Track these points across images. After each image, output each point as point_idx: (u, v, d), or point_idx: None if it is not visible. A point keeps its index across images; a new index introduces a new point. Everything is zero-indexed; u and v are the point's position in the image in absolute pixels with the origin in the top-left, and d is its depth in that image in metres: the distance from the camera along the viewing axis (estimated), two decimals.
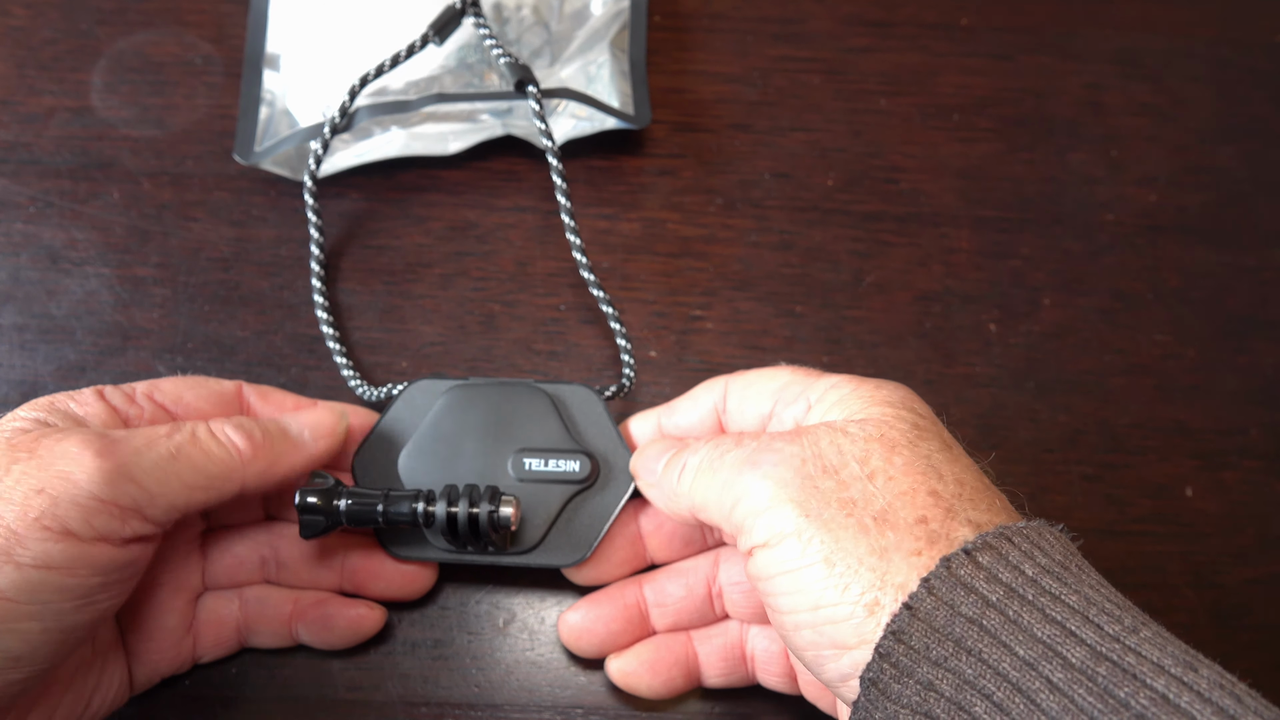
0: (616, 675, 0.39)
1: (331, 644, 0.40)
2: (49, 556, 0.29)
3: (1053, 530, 0.30)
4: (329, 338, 0.43)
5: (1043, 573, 0.28)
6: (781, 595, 0.30)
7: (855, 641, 0.29)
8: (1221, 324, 0.48)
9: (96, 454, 0.31)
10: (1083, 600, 0.27)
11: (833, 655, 0.29)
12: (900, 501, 0.30)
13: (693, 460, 0.35)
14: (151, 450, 0.32)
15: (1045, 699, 0.26)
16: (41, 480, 0.30)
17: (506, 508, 0.37)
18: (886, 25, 0.54)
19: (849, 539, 0.29)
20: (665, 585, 0.39)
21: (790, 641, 0.31)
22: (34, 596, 0.29)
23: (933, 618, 0.28)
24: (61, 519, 0.30)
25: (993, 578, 0.28)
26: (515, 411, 0.40)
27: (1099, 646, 0.26)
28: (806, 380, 0.35)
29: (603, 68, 0.50)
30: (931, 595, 0.28)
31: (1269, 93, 0.53)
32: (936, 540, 0.29)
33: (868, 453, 0.31)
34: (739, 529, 0.32)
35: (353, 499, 0.37)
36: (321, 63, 0.49)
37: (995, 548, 0.28)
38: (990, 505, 0.31)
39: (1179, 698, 0.24)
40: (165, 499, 0.32)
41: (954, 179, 0.50)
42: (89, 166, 0.49)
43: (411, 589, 0.40)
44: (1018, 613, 0.27)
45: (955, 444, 0.33)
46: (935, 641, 0.27)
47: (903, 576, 0.28)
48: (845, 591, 0.29)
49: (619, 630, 0.39)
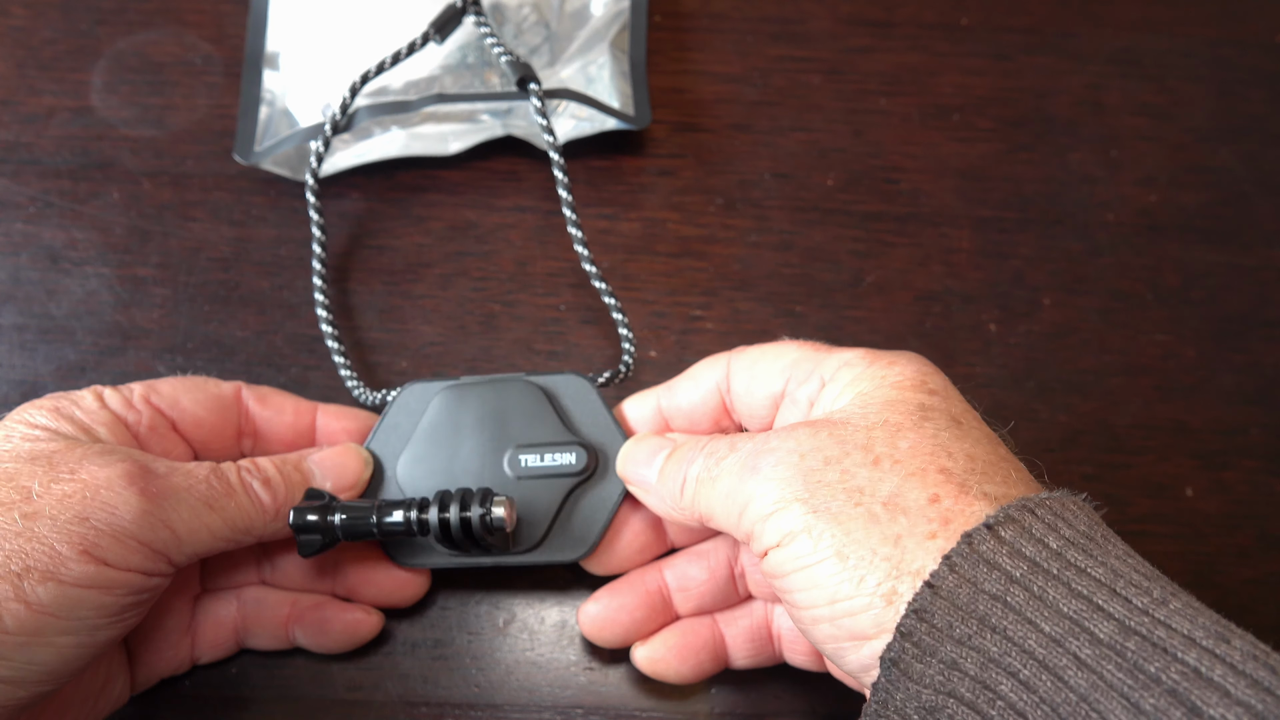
0: (644, 663, 0.38)
1: (327, 648, 0.40)
2: (89, 578, 0.30)
3: (1076, 500, 0.29)
4: (329, 336, 0.43)
5: (1067, 545, 0.27)
6: (798, 592, 0.30)
7: (875, 631, 0.28)
8: (1221, 324, 0.48)
9: (141, 493, 0.31)
10: (1109, 572, 0.26)
11: (852, 646, 0.29)
12: (909, 483, 0.29)
13: (691, 472, 0.34)
14: (190, 495, 0.33)
15: (1073, 676, 0.25)
16: (86, 509, 0.31)
17: (499, 509, 0.37)
18: (886, 25, 0.54)
19: (859, 529, 0.29)
20: (686, 569, 0.39)
21: (810, 635, 0.31)
22: (72, 613, 0.30)
23: (955, 595, 0.27)
24: (102, 550, 0.30)
25: (1016, 552, 0.27)
26: (509, 408, 0.40)
27: (1127, 620, 0.25)
28: (817, 356, 0.34)
29: (603, 68, 0.50)
30: (954, 572, 0.27)
31: (1269, 92, 0.53)
32: (951, 519, 0.28)
33: (871, 439, 0.30)
34: (749, 535, 0.32)
35: (347, 513, 0.36)
36: (321, 62, 0.49)
37: (1018, 520, 0.28)
38: (1005, 477, 0.30)
39: (1211, 671, 0.24)
40: (191, 546, 0.33)
41: (954, 179, 0.50)
42: (89, 166, 0.49)
43: (403, 596, 0.40)
44: (1043, 588, 0.26)
45: (968, 417, 0.32)
46: (959, 619, 0.27)
47: (919, 563, 0.28)
48: (861, 584, 0.28)
49: (643, 618, 0.38)
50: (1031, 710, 0.25)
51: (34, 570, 0.29)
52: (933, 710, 0.27)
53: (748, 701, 0.40)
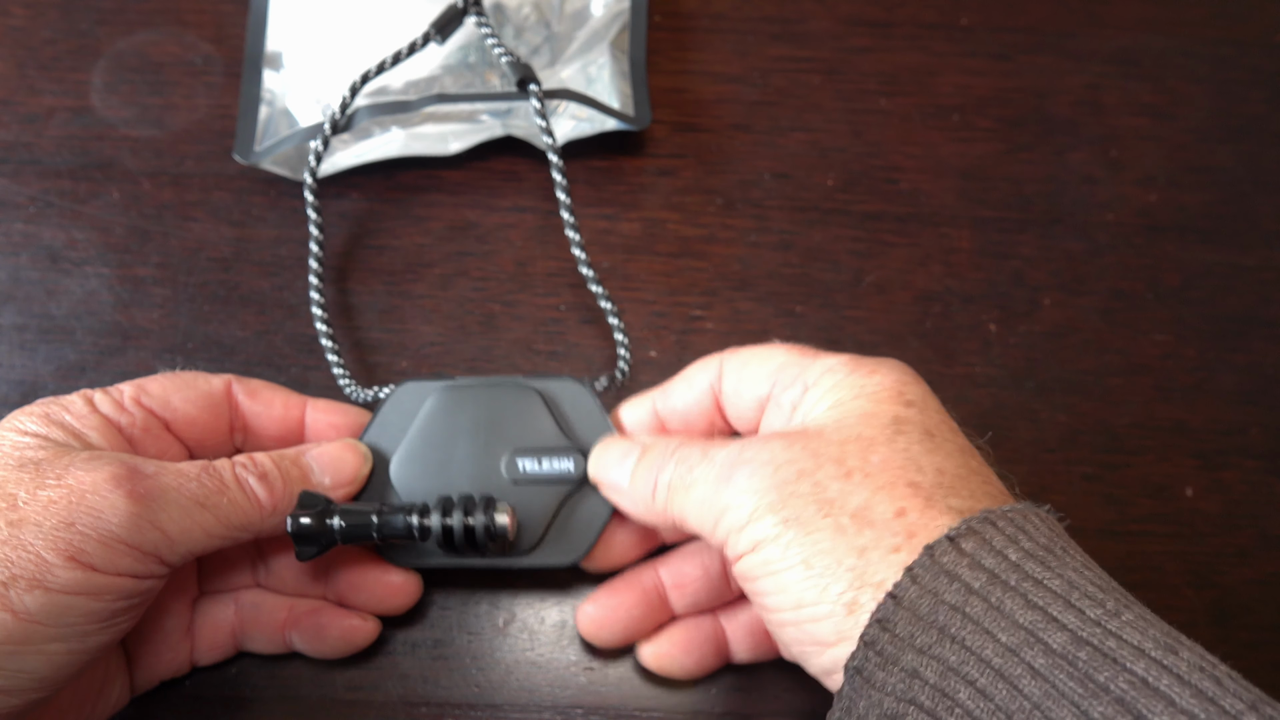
0: (650, 659, 0.39)
1: (324, 653, 0.39)
2: (76, 584, 0.30)
3: (1038, 512, 0.30)
4: (323, 335, 0.43)
5: (1026, 557, 0.28)
6: (767, 595, 0.31)
7: (835, 639, 0.29)
8: (1221, 324, 0.48)
9: (128, 495, 0.31)
10: (1065, 584, 0.27)
11: (815, 651, 0.30)
12: (878, 497, 0.30)
13: (663, 478, 0.34)
14: (180, 494, 0.32)
15: (1027, 685, 0.26)
16: (72, 514, 0.30)
17: (502, 517, 0.36)
18: (886, 25, 0.54)
19: (826, 540, 0.30)
20: (681, 566, 0.39)
21: (778, 637, 0.32)
22: (61, 620, 0.30)
23: (917, 606, 0.28)
24: (89, 555, 0.30)
25: (976, 564, 0.28)
26: (505, 411, 0.39)
27: (1080, 631, 0.26)
28: (803, 361, 0.35)
29: (603, 68, 0.50)
30: (915, 584, 0.28)
31: (1268, 92, 0.53)
32: (916, 532, 0.29)
33: (844, 453, 0.31)
34: (723, 542, 0.32)
35: (346, 517, 0.35)
36: (321, 62, 0.49)
37: (979, 533, 0.29)
38: (973, 491, 0.31)
39: (1158, 681, 0.25)
40: (185, 546, 0.32)
41: (954, 179, 0.50)
42: (89, 166, 0.49)
43: (394, 603, 0.39)
44: (1000, 599, 0.27)
45: (942, 429, 0.33)
46: (919, 629, 0.28)
47: (881, 575, 0.29)
48: (824, 591, 0.29)
49: (640, 616, 0.39)
50: (987, 717, 0.26)
51: (20, 578, 0.29)
52: (894, 717, 0.28)
53: (748, 701, 0.40)
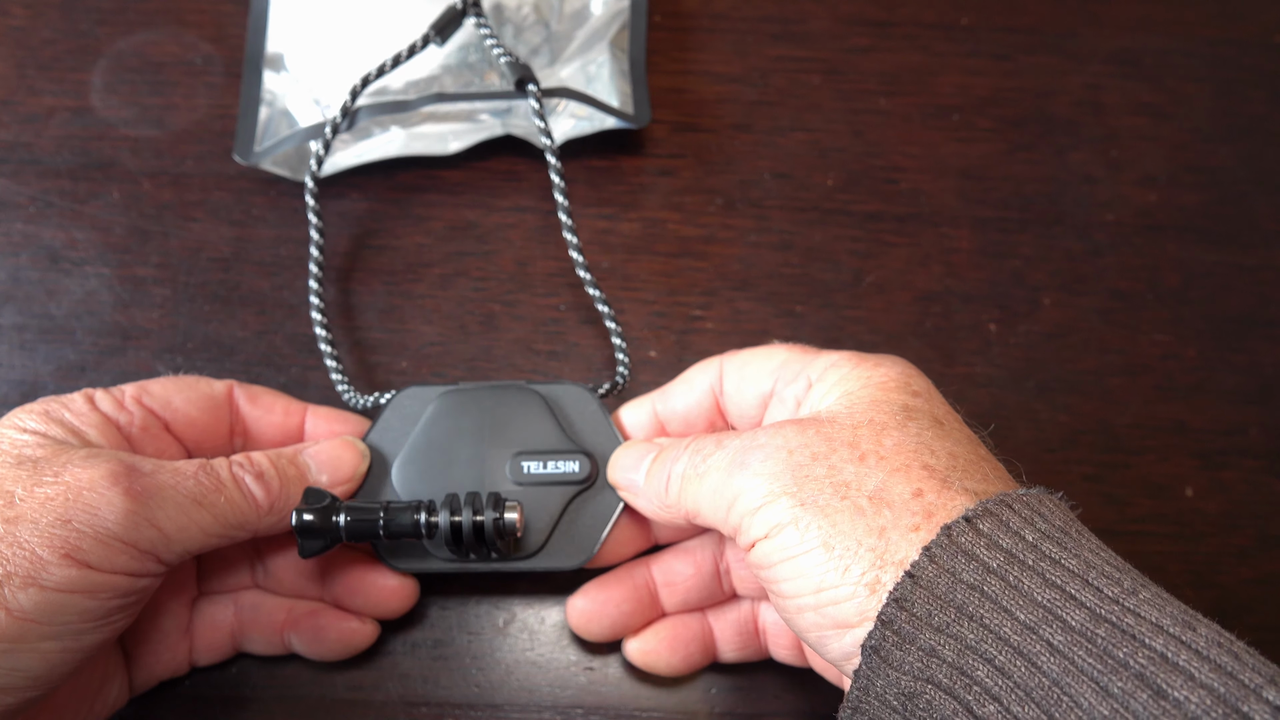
0: (635, 654, 0.39)
1: (322, 655, 0.39)
2: (71, 582, 0.30)
3: (1052, 497, 0.30)
4: (322, 339, 0.42)
5: (1043, 538, 0.28)
6: (784, 581, 0.31)
7: (858, 619, 0.29)
8: (1221, 323, 0.48)
9: (125, 493, 0.31)
10: (1082, 564, 0.27)
11: (836, 635, 0.30)
12: (894, 479, 0.30)
13: (676, 469, 0.35)
14: (177, 492, 0.32)
15: (1045, 661, 0.26)
16: (68, 511, 0.30)
17: (511, 513, 0.36)
18: (886, 25, 0.54)
19: (845, 521, 0.30)
20: (673, 564, 0.39)
21: (794, 623, 0.31)
22: (55, 618, 0.30)
23: (935, 585, 0.28)
24: (85, 553, 0.30)
25: (993, 544, 0.28)
26: (509, 414, 0.39)
27: (1098, 609, 0.26)
28: (805, 358, 0.35)
29: (602, 67, 0.50)
30: (933, 563, 0.28)
31: (1268, 92, 0.53)
32: (934, 512, 0.29)
33: (857, 437, 0.31)
34: (737, 529, 0.32)
35: (351, 514, 0.35)
36: (322, 63, 0.49)
37: (996, 514, 0.29)
38: (985, 475, 0.31)
39: (1177, 656, 0.25)
40: (181, 544, 0.32)
41: (954, 179, 0.50)
42: (89, 166, 0.49)
43: (391, 606, 0.39)
44: (1018, 578, 0.27)
45: (949, 419, 0.33)
46: (937, 608, 0.28)
47: (902, 553, 0.29)
48: (846, 573, 0.29)
49: (630, 611, 0.39)
50: (1006, 695, 0.26)
51: (14, 576, 0.29)
52: (911, 696, 0.28)
53: (747, 701, 0.40)
